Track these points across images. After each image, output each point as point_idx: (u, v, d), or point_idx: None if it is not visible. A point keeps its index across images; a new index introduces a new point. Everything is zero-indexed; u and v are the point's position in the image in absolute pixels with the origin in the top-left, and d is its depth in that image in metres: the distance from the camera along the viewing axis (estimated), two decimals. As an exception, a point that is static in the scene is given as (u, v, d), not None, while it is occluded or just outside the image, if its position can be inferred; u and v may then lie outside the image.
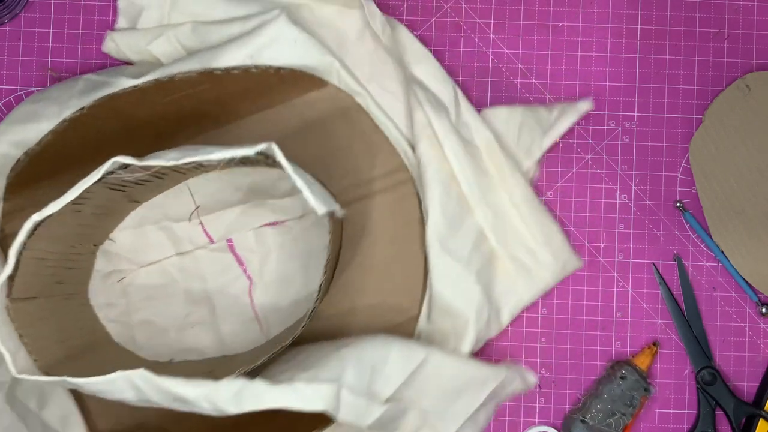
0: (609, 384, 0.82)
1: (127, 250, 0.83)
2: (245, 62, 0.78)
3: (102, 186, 0.70)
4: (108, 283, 0.83)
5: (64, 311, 0.78)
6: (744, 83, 0.84)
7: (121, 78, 0.78)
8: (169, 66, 0.79)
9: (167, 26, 0.82)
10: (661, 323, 0.85)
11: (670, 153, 0.86)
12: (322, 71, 0.81)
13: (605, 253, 0.86)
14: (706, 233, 0.85)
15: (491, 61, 0.87)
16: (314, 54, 0.80)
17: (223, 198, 0.84)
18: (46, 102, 0.79)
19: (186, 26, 0.81)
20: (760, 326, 0.85)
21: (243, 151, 0.66)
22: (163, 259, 0.83)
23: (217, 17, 0.82)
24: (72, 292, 0.80)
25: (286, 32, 0.79)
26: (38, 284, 0.74)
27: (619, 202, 0.86)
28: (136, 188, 0.77)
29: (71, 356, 0.76)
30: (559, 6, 0.87)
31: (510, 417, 0.85)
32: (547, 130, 0.83)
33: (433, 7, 0.87)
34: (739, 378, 0.85)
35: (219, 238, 0.84)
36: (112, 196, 0.76)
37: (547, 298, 0.86)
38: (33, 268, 0.72)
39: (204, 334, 0.82)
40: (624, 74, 0.87)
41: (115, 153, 0.67)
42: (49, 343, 0.74)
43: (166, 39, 0.81)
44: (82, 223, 0.76)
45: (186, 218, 0.83)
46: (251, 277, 0.84)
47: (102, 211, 0.77)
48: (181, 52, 0.82)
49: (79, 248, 0.79)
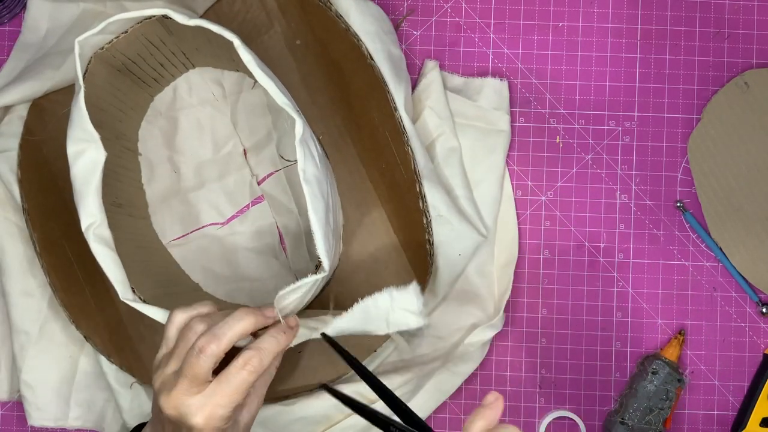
0: (642, 381, 0.82)
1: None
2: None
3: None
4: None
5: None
6: (743, 80, 0.84)
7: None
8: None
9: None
10: (661, 323, 0.85)
11: (670, 153, 0.86)
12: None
13: (605, 253, 0.86)
14: (706, 233, 0.85)
15: (491, 61, 0.87)
16: None
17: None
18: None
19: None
20: (760, 326, 0.85)
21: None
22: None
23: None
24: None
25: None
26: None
27: (619, 202, 0.86)
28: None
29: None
30: (559, 6, 0.87)
31: (510, 417, 0.85)
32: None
33: (433, 7, 0.88)
34: (739, 378, 0.85)
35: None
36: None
37: (547, 298, 0.85)
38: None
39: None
40: (624, 74, 0.87)
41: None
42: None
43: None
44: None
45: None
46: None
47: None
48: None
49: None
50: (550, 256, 0.86)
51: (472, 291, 0.85)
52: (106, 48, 0.75)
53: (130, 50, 0.78)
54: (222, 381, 0.63)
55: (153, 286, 0.77)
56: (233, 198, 0.86)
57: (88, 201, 0.70)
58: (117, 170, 0.80)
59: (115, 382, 0.83)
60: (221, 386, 0.62)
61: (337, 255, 0.79)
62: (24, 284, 0.83)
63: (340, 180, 0.83)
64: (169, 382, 0.63)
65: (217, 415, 0.62)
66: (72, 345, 0.84)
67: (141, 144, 0.86)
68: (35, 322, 0.83)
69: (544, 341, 0.86)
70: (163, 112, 0.86)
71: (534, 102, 0.87)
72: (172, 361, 0.64)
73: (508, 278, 0.85)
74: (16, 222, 0.83)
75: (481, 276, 0.85)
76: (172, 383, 0.63)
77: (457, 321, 0.84)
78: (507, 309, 0.85)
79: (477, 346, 0.83)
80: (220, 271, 0.86)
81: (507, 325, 0.85)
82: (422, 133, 0.83)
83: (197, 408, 0.62)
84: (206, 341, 0.62)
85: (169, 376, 0.64)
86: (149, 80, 0.84)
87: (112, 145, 0.78)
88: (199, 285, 0.86)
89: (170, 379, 0.63)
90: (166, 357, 0.65)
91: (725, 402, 0.85)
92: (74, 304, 0.81)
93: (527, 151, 0.87)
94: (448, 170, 0.84)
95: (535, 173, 0.87)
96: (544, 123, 0.87)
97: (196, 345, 0.63)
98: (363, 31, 0.81)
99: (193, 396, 0.62)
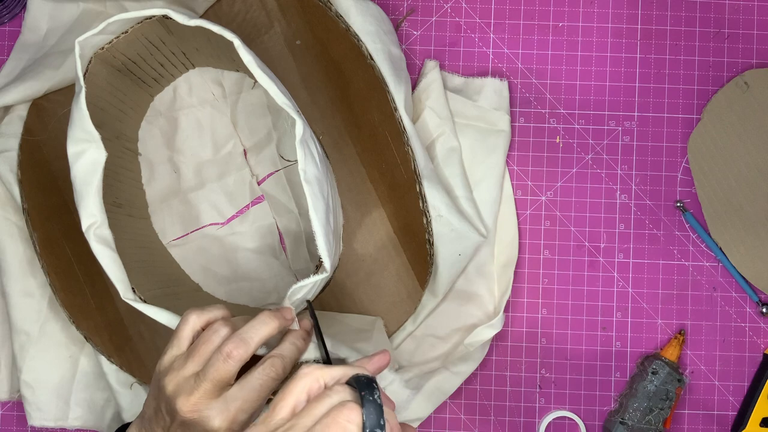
0: (642, 381, 0.82)
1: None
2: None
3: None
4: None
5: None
6: (743, 80, 0.84)
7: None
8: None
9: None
10: (661, 323, 0.85)
11: (670, 153, 0.86)
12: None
13: (605, 253, 0.86)
14: (706, 233, 0.85)
15: (491, 61, 0.87)
16: None
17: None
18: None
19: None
20: (760, 326, 0.85)
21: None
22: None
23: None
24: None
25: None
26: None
27: (619, 202, 0.86)
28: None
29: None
30: (559, 6, 0.87)
31: (510, 417, 0.85)
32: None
33: (433, 7, 0.87)
34: (739, 378, 0.85)
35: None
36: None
37: (547, 298, 0.85)
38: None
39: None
40: (624, 74, 0.87)
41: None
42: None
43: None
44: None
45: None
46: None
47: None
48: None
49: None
50: (550, 256, 0.86)
51: (472, 291, 0.85)
52: (106, 48, 0.75)
53: (130, 50, 0.78)
54: (245, 386, 0.62)
55: (153, 286, 0.77)
56: (233, 198, 0.86)
57: (89, 201, 0.70)
58: (117, 170, 0.80)
59: (115, 382, 0.83)
60: (244, 391, 0.62)
61: (338, 255, 0.79)
62: (24, 284, 0.83)
63: (340, 180, 0.83)
64: (188, 384, 0.62)
65: (238, 420, 0.62)
66: (72, 345, 0.84)
67: (141, 144, 0.86)
68: (35, 323, 0.83)
69: (544, 341, 0.86)
70: (163, 112, 0.86)
71: (534, 102, 0.87)
72: (190, 363, 0.63)
73: (508, 278, 0.85)
74: (16, 222, 0.83)
75: (481, 276, 0.85)
76: (191, 386, 0.62)
77: (457, 321, 0.84)
78: (507, 309, 0.85)
79: (477, 346, 0.83)
80: (220, 271, 0.86)
81: (507, 325, 0.85)
82: (422, 133, 0.83)
83: (219, 412, 0.61)
84: (234, 346, 0.62)
85: (187, 379, 0.62)
86: (149, 80, 0.83)
87: (112, 145, 0.78)
88: (199, 285, 0.86)
89: (189, 381, 0.62)
90: (182, 358, 0.64)
91: (725, 402, 0.85)
92: (74, 304, 0.81)
93: (527, 151, 0.87)
94: (448, 170, 0.84)
95: (535, 173, 0.87)
96: (544, 123, 0.87)
97: (224, 349, 0.62)
98: (363, 31, 0.81)
99: (214, 399, 0.61)
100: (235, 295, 0.85)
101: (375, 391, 0.53)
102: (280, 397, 0.56)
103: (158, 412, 0.64)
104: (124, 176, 0.82)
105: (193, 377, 0.62)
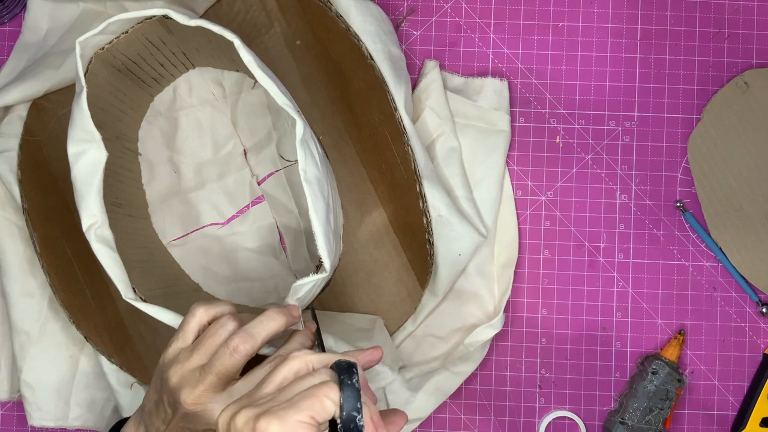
0: (641, 381, 0.82)
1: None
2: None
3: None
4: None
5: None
6: (742, 80, 0.84)
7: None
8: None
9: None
10: (661, 323, 0.85)
11: (670, 153, 0.86)
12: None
13: (605, 253, 0.86)
14: (706, 233, 0.85)
15: (491, 61, 0.87)
16: None
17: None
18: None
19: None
20: (760, 326, 0.85)
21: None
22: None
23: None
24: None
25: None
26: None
27: (619, 202, 0.86)
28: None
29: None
30: (559, 6, 0.87)
31: (510, 417, 0.85)
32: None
33: (433, 7, 0.87)
34: (739, 378, 0.85)
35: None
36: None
37: (547, 298, 0.85)
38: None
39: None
40: (624, 74, 0.87)
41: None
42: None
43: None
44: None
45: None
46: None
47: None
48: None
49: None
50: (550, 256, 0.86)
51: (472, 291, 0.85)
52: (106, 48, 0.75)
53: (130, 50, 0.78)
54: (251, 382, 0.61)
55: (153, 286, 0.77)
56: (233, 198, 0.86)
57: (89, 201, 0.70)
58: (117, 170, 0.80)
59: (116, 382, 0.83)
60: (250, 387, 0.61)
61: (338, 255, 0.79)
62: (24, 284, 0.83)
63: (340, 180, 0.83)
64: (193, 377, 0.62)
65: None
66: (72, 345, 0.84)
67: (141, 144, 0.86)
68: (35, 323, 0.83)
69: (544, 341, 0.86)
70: (163, 112, 0.86)
71: (534, 102, 0.87)
72: (196, 356, 0.62)
73: (508, 278, 0.85)
74: (16, 222, 0.83)
75: (481, 276, 0.85)
76: (196, 378, 0.62)
77: (457, 321, 0.84)
78: (507, 309, 0.85)
79: (477, 346, 0.83)
80: (220, 271, 0.86)
81: (507, 325, 0.85)
82: (422, 133, 0.83)
83: (223, 405, 0.61)
84: (241, 340, 0.61)
85: (192, 371, 0.62)
86: (149, 80, 0.83)
87: (112, 145, 0.78)
88: (199, 285, 0.86)
89: (194, 374, 0.62)
90: (187, 351, 0.63)
91: (725, 402, 0.85)
92: (74, 304, 0.81)
93: (527, 151, 0.87)
94: (448, 170, 0.84)
95: (535, 173, 0.87)
96: (544, 123, 0.87)
97: (230, 343, 0.61)
98: (363, 31, 0.81)
99: (219, 393, 0.61)
100: (235, 295, 0.85)
101: (354, 375, 0.54)
102: (269, 376, 0.56)
103: (159, 404, 0.64)
104: (124, 176, 0.82)
105: (198, 370, 0.62)
